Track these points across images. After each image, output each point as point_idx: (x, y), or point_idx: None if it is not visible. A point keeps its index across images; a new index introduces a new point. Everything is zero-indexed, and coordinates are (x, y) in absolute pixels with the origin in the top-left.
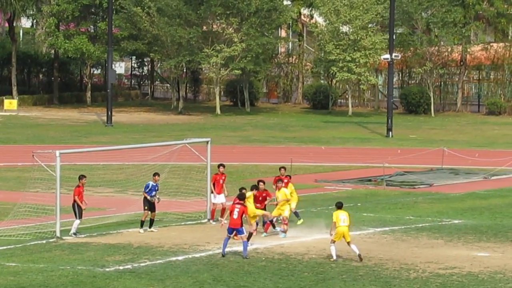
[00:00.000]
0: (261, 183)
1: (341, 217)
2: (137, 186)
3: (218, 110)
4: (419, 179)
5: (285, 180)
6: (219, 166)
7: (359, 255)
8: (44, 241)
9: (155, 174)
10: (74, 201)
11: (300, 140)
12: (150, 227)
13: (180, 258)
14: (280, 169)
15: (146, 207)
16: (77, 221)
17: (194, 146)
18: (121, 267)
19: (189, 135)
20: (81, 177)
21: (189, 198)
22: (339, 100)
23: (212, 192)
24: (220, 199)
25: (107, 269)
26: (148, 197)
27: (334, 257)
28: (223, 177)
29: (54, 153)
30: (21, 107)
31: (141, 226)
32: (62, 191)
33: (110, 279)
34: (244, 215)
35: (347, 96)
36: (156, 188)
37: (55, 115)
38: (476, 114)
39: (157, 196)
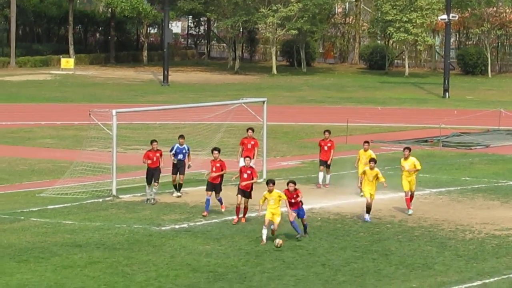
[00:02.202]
0: (247, 159)
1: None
2: (193, 145)
3: (274, 70)
4: (475, 140)
5: (329, 144)
6: (248, 129)
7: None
8: (100, 200)
9: (180, 136)
10: None
11: (356, 100)
12: (178, 191)
13: (235, 217)
14: (324, 132)
15: (172, 171)
16: (147, 187)
17: (250, 106)
18: (177, 226)
19: (245, 94)
20: (152, 141)
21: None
22: (395, 61)
23: (241, 156)
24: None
25: (163, 228)
26: (172, 159)
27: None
28: (253, 142)
29: (110, 112)
30: (78, 66)
31: (175, 189)
32: (118, 150)
33: (166, 238)
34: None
35: (403, 57)
36: (184, 152)
37: (111, 74)
38: None
39: (189, 163)
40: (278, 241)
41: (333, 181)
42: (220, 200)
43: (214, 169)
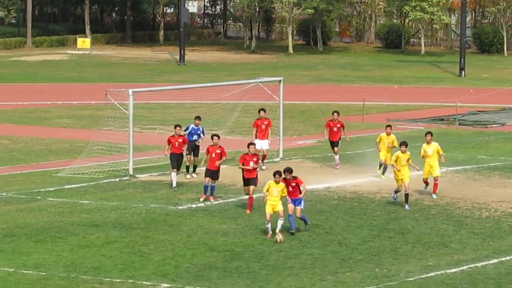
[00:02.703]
0: (251, 146)
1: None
2: (209, 125)
3: (290, 49)
4: (491, 119)
5: (338, 125)
6: (259, 110)
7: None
8: (117, 179)
9: (197, 117)
10: None
11: (372, 79)
12: (193, 171)
13: (254, 196)
14: (333, 113)
15: (187, 152)
16: (172, 173)
17: (266, 85)
18: (193, 205)
19: (262, 74)
20: (175, 126)
21: None
22: (411, 40)
23: (256, 138)
24: (263, 145)
25: (180, 207)
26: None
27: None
28: (266, 122)
29: (127, 92)
30: (94, 46)
31: (187, 171)
32: (135, 130)
33: (183, 217)
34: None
35: (419, 36)
36: (198, 132)
37: (128, 53)
38: None
39: (200, 140)
40: (279, 237)
41: (349, 160)
42: (213, 189)
43: (213, 155)
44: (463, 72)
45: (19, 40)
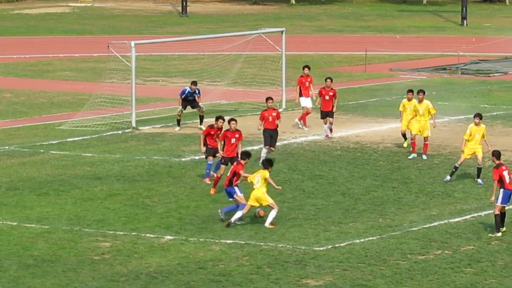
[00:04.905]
0: (232, 122)
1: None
2: (212, 76)
3: (292, 0)
4: (494, 67)
5: (330, 93)
6: (304, 67)
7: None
8: (120, 132)
9: (192, 82)
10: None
11: (374, 29)
12: (200, 123)
13: (256, 147)
14: (326, 79)
15: (181, 107)
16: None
17: (269, 36)
18: (197, 157)
19: (264, 25)
20: (267, 99)
21: (264, 88)
22: None
23: (300, 96)
24: (307, 103)
25: (183, 159)
26: (180, 102)
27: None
28: (309, 79)
29: (129, 44)
30: None
31: (178, 124)
32: (137, 82)
33: (186, 169)
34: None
35: None
36: (194, 95)
37: (130, 5)
38: None
39: (200, 106)
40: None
41: (352, 110)
42: (218, 165)
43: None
44: (465, 21)
45: None
